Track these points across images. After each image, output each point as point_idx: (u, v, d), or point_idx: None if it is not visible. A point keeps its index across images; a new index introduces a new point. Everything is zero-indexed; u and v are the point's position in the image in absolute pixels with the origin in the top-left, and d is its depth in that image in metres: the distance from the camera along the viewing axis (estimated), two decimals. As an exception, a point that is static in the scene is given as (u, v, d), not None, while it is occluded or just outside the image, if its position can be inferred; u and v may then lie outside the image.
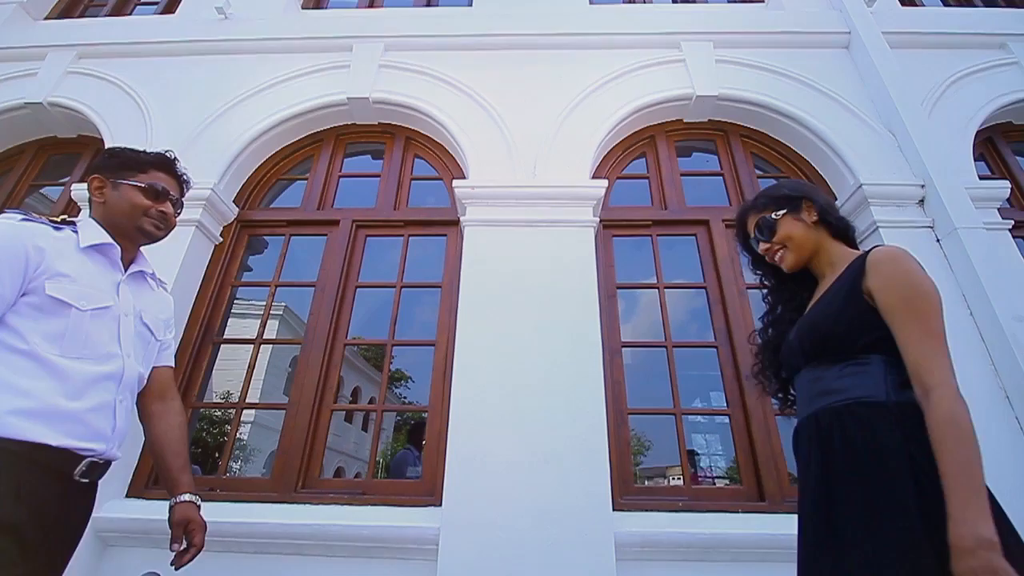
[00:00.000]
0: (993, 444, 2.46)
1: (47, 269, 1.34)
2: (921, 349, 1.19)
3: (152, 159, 1.64)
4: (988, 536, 0.97)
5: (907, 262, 1.30)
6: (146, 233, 1.59)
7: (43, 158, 4.05)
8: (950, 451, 1.07)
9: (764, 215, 1.57)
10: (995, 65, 3.73)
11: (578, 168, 3.32)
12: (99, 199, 1.56)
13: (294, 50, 3.98)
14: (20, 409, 1.23)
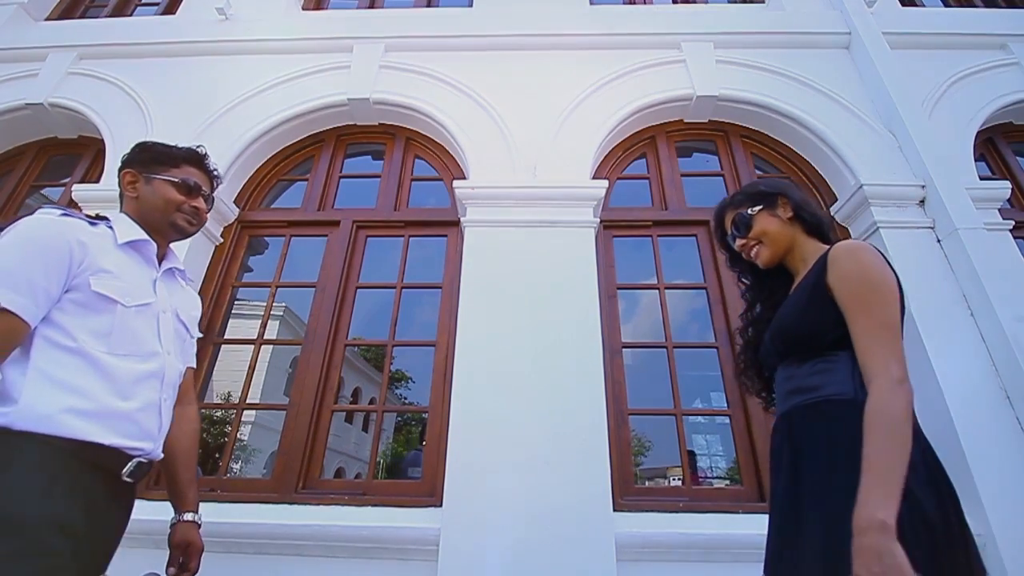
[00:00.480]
0: (994, 445, 2.46)
1: (90, 265, 1.32)
2: (866, 341, 1.20)
3: (184, 154, 1.64)
4: (882, 519, 0.99)
5: (862, 255, 1.29)
6: (179, 229, 1.58)
7: (44, 159, 4.05)
8: (870, 439, 1.09)
9: (740, 211, 1.58)
10: (995, 65, 3.72)
11: (578, 168, 3.32)
12: (132, 193, 1.55)
13: (294, 51, 3.98)
14: (73, 408, 1.21)
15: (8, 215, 3.72)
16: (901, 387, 1.12)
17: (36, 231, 1.28)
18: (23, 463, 1.14)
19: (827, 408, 1.24)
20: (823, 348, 1.29)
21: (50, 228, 1.30)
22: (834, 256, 1.31)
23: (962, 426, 2.49)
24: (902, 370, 1.14)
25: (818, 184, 3.53)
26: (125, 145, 3.57)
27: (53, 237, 1.28)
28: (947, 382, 2.60)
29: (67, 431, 1.19)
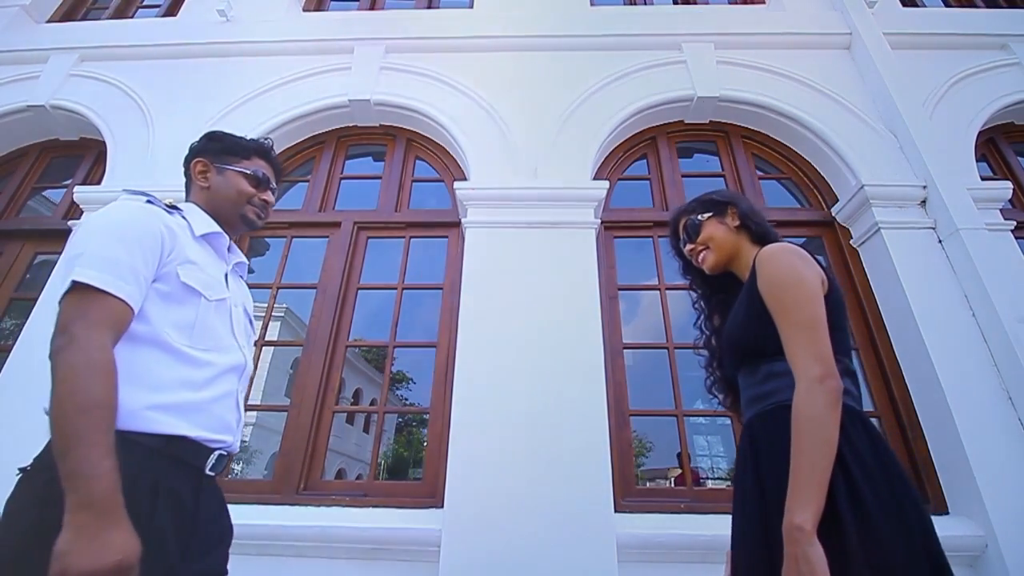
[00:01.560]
0: (996, 445, 2.46)
1: (178, 255, 1.28)
2: (789, 344, 1.22)
3: (254, 146, 1.59)
4: (799, 524, 1.02)
5: (780, 257, 1.31)
6: (248, 221, 1.55)
7: (45, 160, 4.06)
8: (794, 444, 1.11)
9: (691, 217, 1.62)
10: (997, 66, 3.72)
11: (579, 169, 3.32)
12: (203, 184, 1.50)
13: (295, 52, 3.99)
14: (159, 403, 1.16)
15: (9, 216, 3.73)
16: (821, 385, 1.13)
17: (131, 217, 1.24)
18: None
19: (781, 414, 1.23)
20: (771, 354, 1.29)
21: (142, 215, 1.26)
22: (757, 262, 1.34)
23: (964, 427, 2.49)
24: (823, 367, 1.15)
25: (819, 185, 3.52)
26: (126, 147, 3.61)
27: (147, 224, 1.25)
28: (949, 382, 2.60)
29: (153, 426, 1.14)
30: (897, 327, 2.91)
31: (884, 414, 2.84)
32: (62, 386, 1.00)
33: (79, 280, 1.09)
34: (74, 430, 0.97)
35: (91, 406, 0.99)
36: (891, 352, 2.91)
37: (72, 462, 0.95)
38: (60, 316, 1.08)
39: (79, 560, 0.89)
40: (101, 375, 1.03)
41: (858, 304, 3.10)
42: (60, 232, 3.36)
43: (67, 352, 1.03)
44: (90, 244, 1.15)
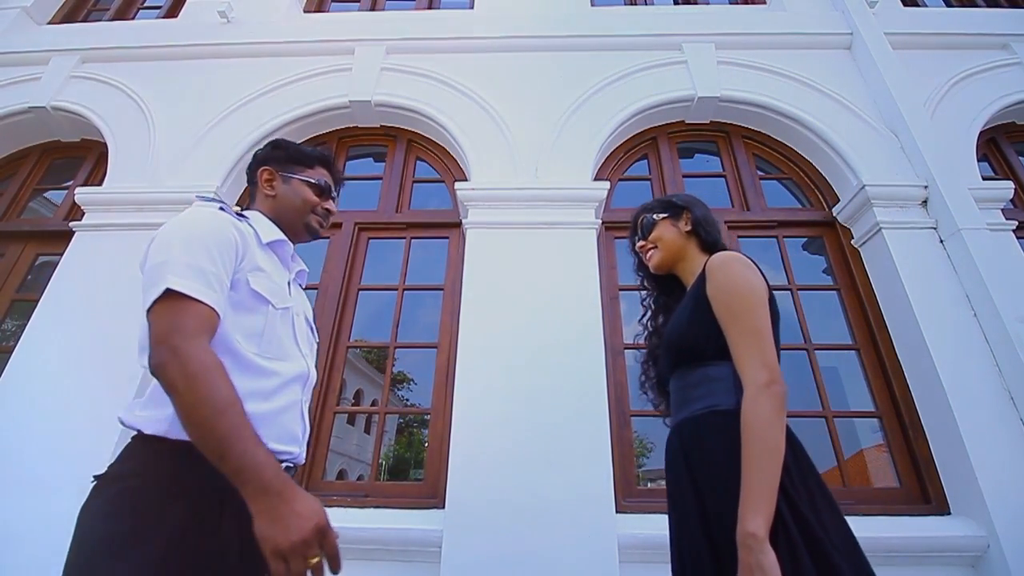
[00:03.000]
0: (997, 445, 2.46)
1: (249, 262, 1.27)
2: (738, 350, 1.25)
3: (317, 155, 1.60)
4: (752, 531, 1.04)
5: (731, 266, 1.34)
6: (311, 230, 1.55)
7: (47, 162, 4.06)
8: (743, 451, 1.14)
9: (648, 215, 1.66)
10: (998, 65, 3.72)
11: (580, 170, 3.32)
12: (270, 192, 1.50)
13: (296, 53, 3.99)
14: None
15: (11, 218, 3.73)
16: (767, 391, 1.17)
17: (208, 225, 1.24)
18: (175, 475, 1.09)
19: (712, 420, 1.28)
20: (708, 358, 1.33)
21: (218, 222, 1.26)
22: (709, 268, 1.37)
23: (965, 427, 2.49)
24: (769, 373, 1.19)
25: (820, 185, 3.52)
26: (128, 148, 3.61)
27: (223, 231, 1.24)
28: (950, 383, 2.59)
29: None
30: (898, 327, 2.91)
31: (885, 414, 2.84)
32: (188, 396, 1.00)
33: (172, 288, 1.08)
34: (220, 433, 0.98)
35: (224, 406, 1.00)
36: (892, 352, 2.90)
37: (233, 461, 0.97)
38: (156, 326, 1.08)
39: (284, 537, 0.92)
40: (218, 375, 1.04)
41: (859, 304, 3.09)
42: (61, 233, 3.36)
43: (177, 363, 1.02)
44: (173, 252, 1.14)
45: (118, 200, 3.33)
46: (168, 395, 1.03)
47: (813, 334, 3.04)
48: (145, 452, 1.12)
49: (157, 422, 1.12)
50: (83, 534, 1.05)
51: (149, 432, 1.12)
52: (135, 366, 2.89)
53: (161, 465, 1.09)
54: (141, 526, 1.02)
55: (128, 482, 1.05)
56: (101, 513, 1.06)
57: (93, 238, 3.23)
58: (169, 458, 1.09)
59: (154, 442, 1.11)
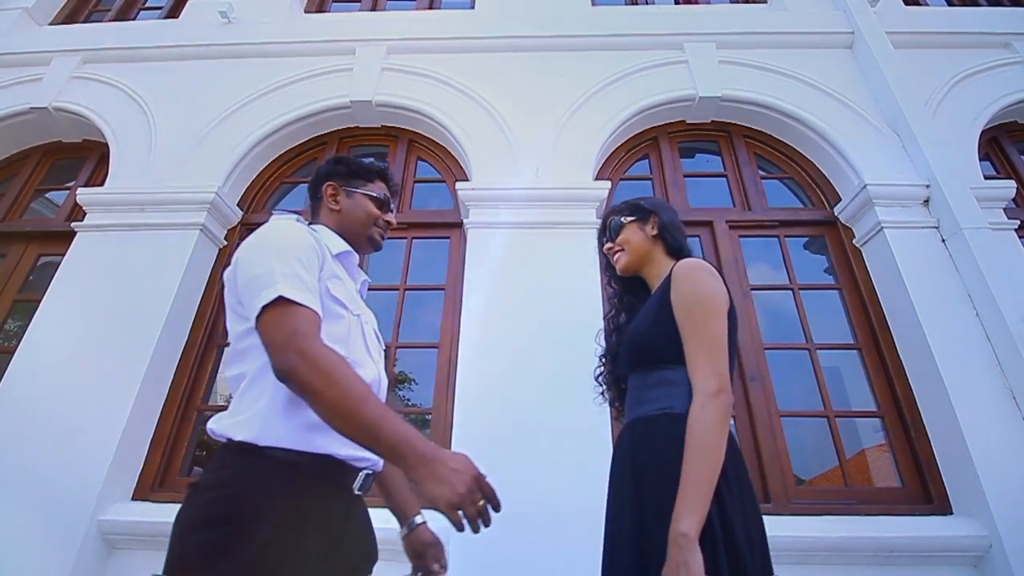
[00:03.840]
0: (1000, 445, 2.45)
1: (328, 270, 1.31)
2: (693, 356, 1.29)
3: (376, 169, 1.64)
4: (684, 531, 1.08)
5: (695, 273, 1.37)
6: (374, 242, 1.58)
7: (48, 162, 4.07)
8: (686, 453, 1.18)
9: (616, 217, 1.67)
10: (1000, 64, 3.71)
11: (581, 170, 3.32)
12: (335, 206, 1.54)
13: (297, 53, 3.99)
14: (315, 422, 1.14)
15: (13, 219, 3.74)
16: (716, 399, 1.20)
17: (295, 236, 1.28)
18: (266, 482, 1.11)
19: (664, 421, 1.30)
20: (666, 361, 1.35)
21: (301, 234, 1.30)
22: (674, 274, 1.40)
23: (967, 426, 2.48)
24: (719, 382, 1.23)
25: (821, 184, 3.51)
26: (129, 148, 3.62)
27: (308, 242, 1.29)
28: (952, 382, 2.59)
29: (307, 445, 1.16)
30: (900, 327, 2.90)
31: (887, 414, 2.83)
32: (330, 392, 1.05)
33: (284, 295, 1.12)
34: (369, 419, 1.04)
35: (365, 393, 1.07)
36: (894, 352, 2.90)
37: (387, 440, 1.03)
38: (273, 333, 1.11)
39: (452, 492, 0.99)
40: (348, 367, 1.10)
41: (861, 304, 3.09)
42: (63, 234, 3.37)
43: (309, 365, 1.07)
44: (272, 263, 1.18)
45: (120, 200, 3.34)
46: (304, 397, 1.08)
47: (815, 334, 3.03)
48: (235, 460, 1.15)
49: (246, 429, 1.15)
50: (180, 542, 1.09)
51: (238, 439, 1.14)
52: (136, 366, 2.90)
53: (250, 473, 1.12)
54: (234, 533, 1.05)
55: (219, 491, 1.10)
56: (196, 521, 1.09)
57: (95, 238, 3.24)
58: (259, 465, 1.13)
59: (243, 449, 1.14)
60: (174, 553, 1.08)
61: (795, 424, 2.88)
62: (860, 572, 2.35)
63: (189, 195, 3.29)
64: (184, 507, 1.14)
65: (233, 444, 1.15)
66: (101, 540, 2.51)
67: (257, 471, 1.12)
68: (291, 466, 1.13)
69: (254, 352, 1.20)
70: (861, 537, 2.36)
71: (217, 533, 1.05)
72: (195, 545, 1.05)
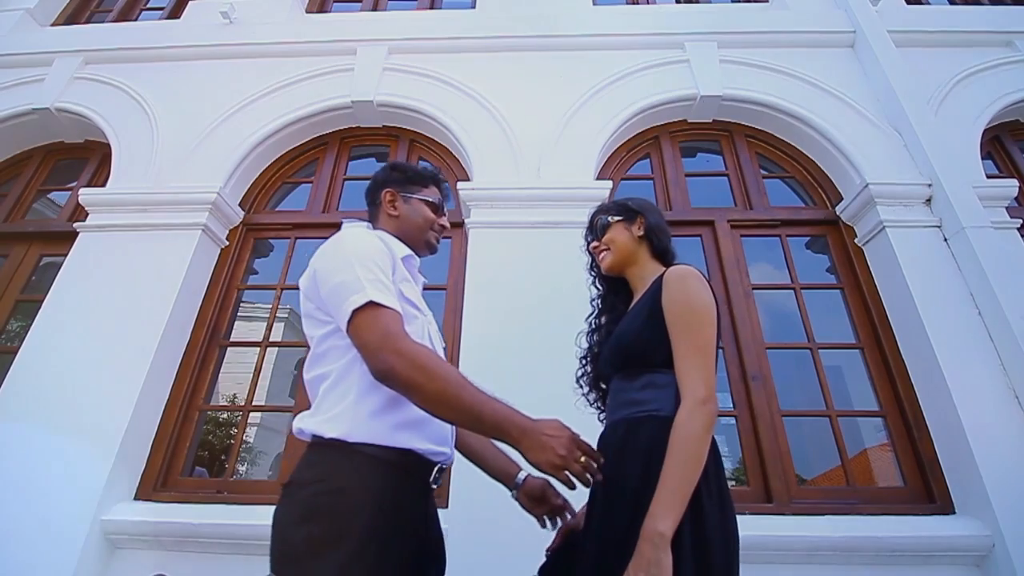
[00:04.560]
0: (1002, 445, 2.45)
1: (399, 273, 1.37)
2: (683, 363, 1.29)
3: (431, 174, 1.68)
4: (661, 531, 1.09)
5: (688, 280, 1.37)
6: (430, 246, 1.62)
7: (50, 163, 4.08)
8: (668, 455, 1.19)
9: (603, 216, 1.67)
10: (1002, 63, 3.70)
11: (582, 169, 3.32)
12: (393, 212, 1.58)
13: (298, 54, 4.00)
14: (400, 419, 1.24)
15: (15, 219, 3.75)
16: (704, 407, 1.21)
17: (370, 244, 1.35)
18: (359, 477, 1.17)
19: (650, 424, 1.31)
20: (654, 365, 1.36)
21: (376, 241, 1.37)
22: (666, 280, 1.39)
23: (970, 426, 2.48)
24: (707, 390, 1.24)
25: (823, 183, 3.51)
26: (131, 149, 3.62)
27: (382, 248, 1.35)
28: (955, 382, 2.58)
29: (392, 440, 1.22)
30: (902, 326, 2.90)
31: (889, 413, 2.83)
32: (432, 385, 1.14)
33: (373, 299, 1.20)
34: (470, 403, 1.15)
35: (461, 380, 1.17)
36: (896, 351, 2.89)
37: (489, 419, 1.15)
38: (366, 336, 1.18)
39: (555, 455, 1.11)
40: (440, 358, 1.20)
41: (863, 303, 3.08)
42: (65, 234, 3.37)
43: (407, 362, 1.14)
44: (356, 270, 1.25)
45: (122, 201, 3.34)
46: (406, 392, 1.16)
47: (817, 333, 3.03)
48: (326, 457, 1.20)
49: (335, 426, 1.21)
50: (282, 538, 1.16)
51: (329, 436, 1.20)
52: (138, 366, 2.91)
53: (343, 468, 1.18)
54: (335, 526, 1.11)
55: (316, 487, 1.16)
56: (296, 517, 1.15)
57: (97, 239, 3.24)
58: (350, 461, 1.18)
59: (334, 446, 1.19)
60: (278, 549, 1.15)
61: (797, 424, 2.88)
62: (862, 572, 2.35)
63: (191, 195, 3.29)
64: (282, 505, 1.22)
65: (324, 441, 1.21)
66: (103, 540, 2.51)
67: (349, 466, 1.18)
68: (379, 461, 1.19)
69: (334, 354, 1.28)
70: (863, 537, 2.35)
71: (319, 527, 1.11)
72: (300, 539, 1.11)
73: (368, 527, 1.13)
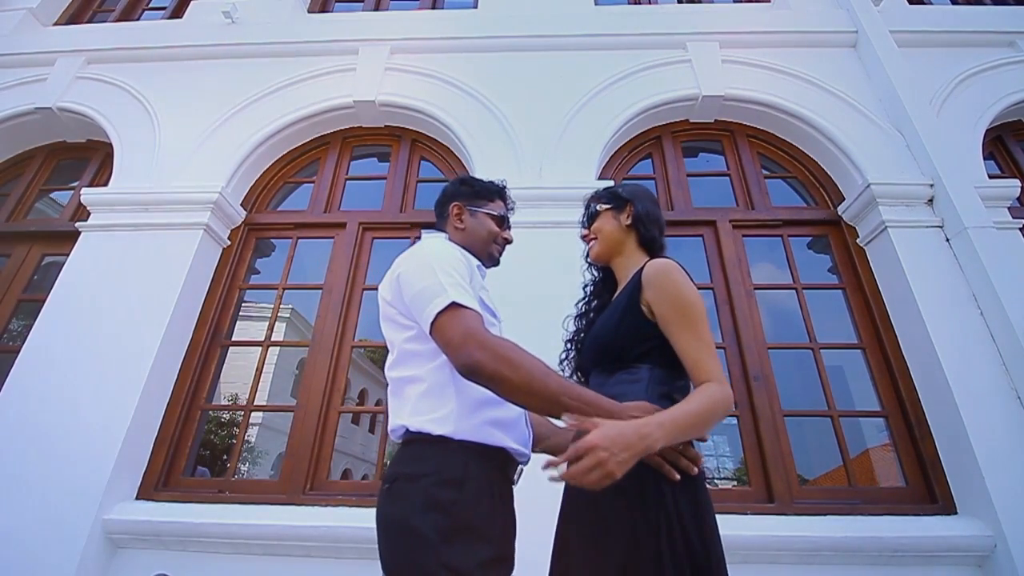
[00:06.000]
0: (1004, 444, 2.45)
1: (476, 282, 1.43)
2: (698, 355, 1.27)
3: (496, 188, 1.75)
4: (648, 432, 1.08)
5: (676, 275, 1.35)
6: (493, 259, 1.68)
7: (53, 163, 4.08)
8: (695, 397, 1.20)
9: (593, 204, 1.67)
10: (1004, 63, 3.69)
11: (584, 169, 3.32)
12: (460, 225, 1.64)
13: (300, 54, 4.00)
14: (491, 417, 1.31)
15: (17, 219, 3.75)
16: (727, 390, 1.22)
17: (450, 252, 1.42)
18: (470, 470, 1.23)
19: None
20: (629, 361, 1.36)
21: (455, 250, 1.45)
22: (648, 276, 1.37)
23: (972, 426, 2.48)
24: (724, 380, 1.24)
25: (825, 183, 3.51)
26: (133, 149, 3.63)
27: (461, 257, 1.43)
28: (957, 382, 2.58)
29: (488, 438, 1.29)
30: (904, 326, 2.90)
31: (891, 413, 2.82)
32: (518, 375, 1.17)
33: (456, 301, 1.25)
34: (555, 390, 1.17)
35: (545, 369, 1.20)
36: (898, 351, 2.89)
37: (575, 405, 1.16)
38: (449, 334, 1.23)
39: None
40: (522, 349, 1.23)
41: (865, 303, 3.08)
42: (68, 234, 3.38)
43: (492, 356, 1.18)
44: (438, 275, 1.31)
45: (124, 200, 3.34)
46: (492, 385, 1.19)
47: (818, 333, 3.03)
48: (434, 452, 1.25)
49: (442, 425, 1.26)
50: (405, 528, 1.19)
51: (436, 433, 1.25)
52: (140, 365, 2.91)
53: (453, 462, 1.23)
54: (461, 514, 1.17)
55: (431, 479, 1.20)
56: (419, 507, 1.19)
57: (99, 238, 3.25)
58: (457, 455, 1.24)
59: (442, 442, 1.25)
60: (404, 538, 1.19)
61: (799, 424, 2.88)
62: (864, 572, 2.35)
63: (193, 195, 3.29)
64: (392, 497, 1.25)
65: (431, 438, 1.26)
66: (105, 539, 2.52)
67: (457, 460, 1.24)
68: (481, 456, 1.26)
69: (418, 360, 1.34)
70: (865, 537, 2.35)
71: (444, 515, 1.16)
72: (428, 527, 1.15)
73: (489, 514, 1.23)
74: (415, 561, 1.15)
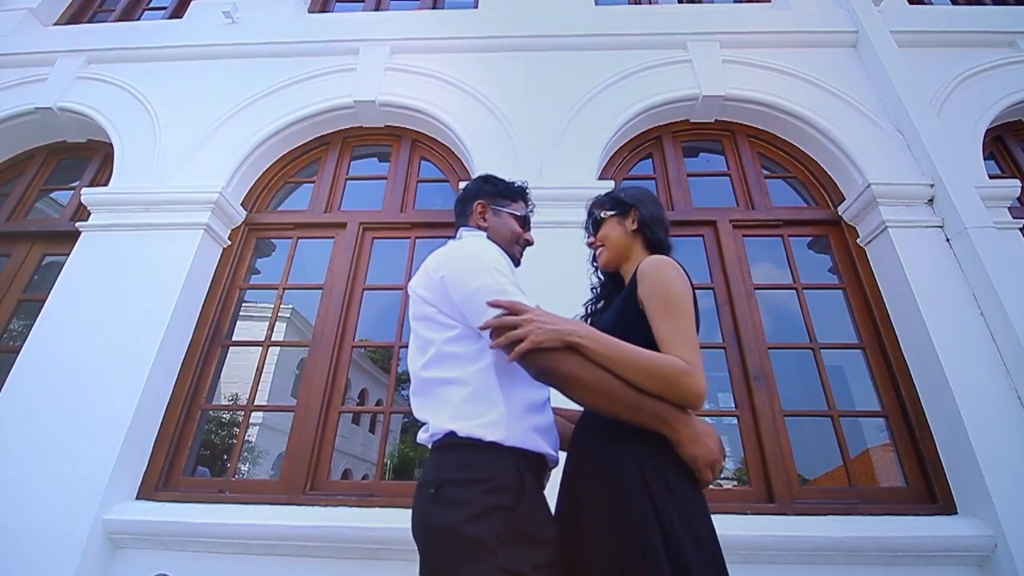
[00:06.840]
0: (1004, 444, 2.45)
1: (514, 279, 1.43)
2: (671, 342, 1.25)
3: (519, 189, 1.72)
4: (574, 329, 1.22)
5: (665, 270, 1.35)
6: (515, 259, 1.64)
7: (53, 162, 4.08)
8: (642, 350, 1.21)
9: (597, 211, 1.65)
10: (1004, 63, 3.69)
11: (584, 169, 3.32)
12: (483, 224, 1.62)
13: (301, 54, 4.00)
14: (534, 424, 1.31)
15: (18, 218, 3.75)
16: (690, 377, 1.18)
17: (495, 252, 1.44)
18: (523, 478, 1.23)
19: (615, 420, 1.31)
20: None
21: (497, 250, 1.47)
22: (641, 272, 1.38)
23: (972, 426, 2.48)
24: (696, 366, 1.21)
25: (825, 183, 3.51)
26: (133, 149, 3.63)
27: (502, 256, 1.45)
28: (957, 382, 2.58)
29: (529, 443, 1.29)
30: (904, 326, 2.89)
31: (891, 413, 2.82)
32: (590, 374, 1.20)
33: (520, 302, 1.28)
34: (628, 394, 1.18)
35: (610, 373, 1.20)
36: (899, 351, 2.89)
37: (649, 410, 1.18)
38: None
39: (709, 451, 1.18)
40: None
41: (865, 303, 3.08)
42: (68, 233, 3.38)
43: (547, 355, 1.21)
44: (492, 275, 1.34)
45: (124, 200, 3.35)
46: (565, 386, 1.22)
47: (819, 333, 3.03)
48: (484, 459, 1.24)
49: (493, 431, 1.25)
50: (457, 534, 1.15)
51: (488, 439, 1.24)
52: (140, 365, 2.91)
53: (505, 468, 1.23)
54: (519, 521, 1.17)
55: (485, 485, 1.19)
56: (475, 513, 1.16)
57: (99, 238, 3.25)
58: (508, 462, 1.24)
59: (492, 448, 1.24)
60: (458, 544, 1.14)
61: (799, 423, 2.88)
62: (864, 572, 2.35)
63: (193, 195, 3.29)
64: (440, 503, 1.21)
65: (483, 444, 1.24)
66: (105, 539, 2.51)
67: (509, 466, 1.23)
68: (529, 462, 1.27)
69: (459, 362, 1.32)
70: (865, 537, 2.35)
71: (501, 521, 1.15)
72: (486, 533, 1.13)
73: (544, 520, 1.25)
74: (472, 567, 1.12)
